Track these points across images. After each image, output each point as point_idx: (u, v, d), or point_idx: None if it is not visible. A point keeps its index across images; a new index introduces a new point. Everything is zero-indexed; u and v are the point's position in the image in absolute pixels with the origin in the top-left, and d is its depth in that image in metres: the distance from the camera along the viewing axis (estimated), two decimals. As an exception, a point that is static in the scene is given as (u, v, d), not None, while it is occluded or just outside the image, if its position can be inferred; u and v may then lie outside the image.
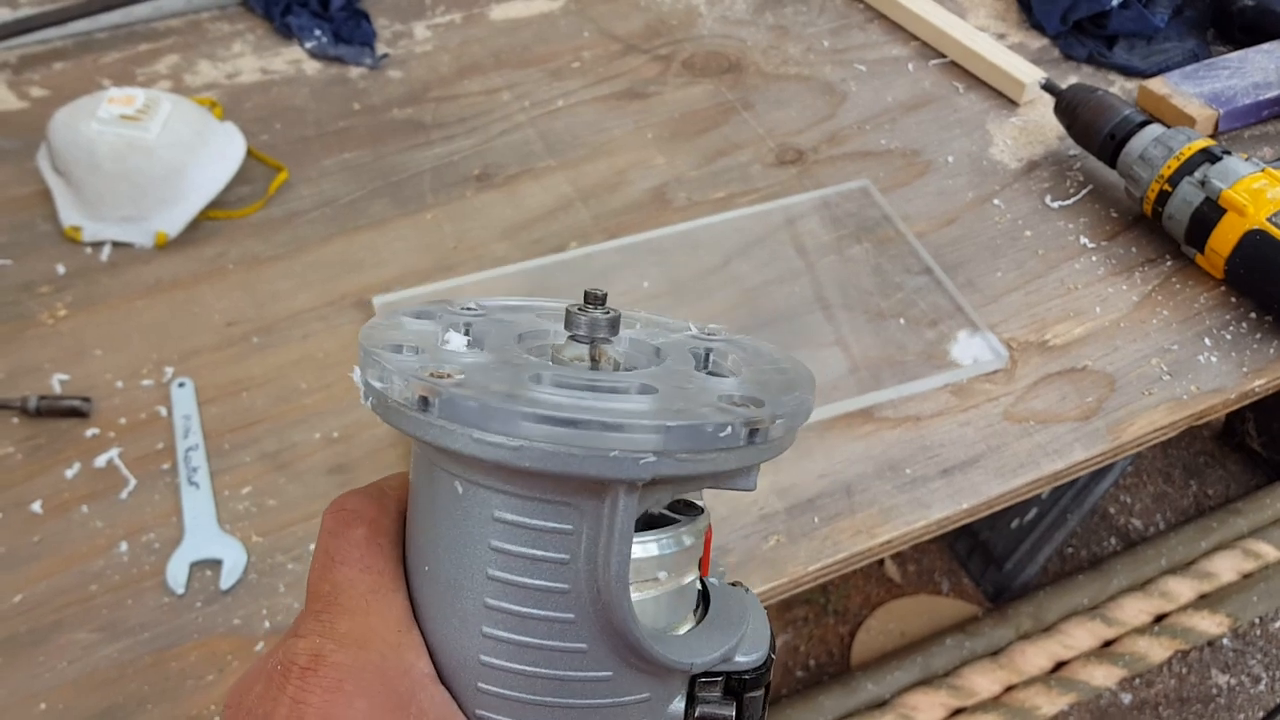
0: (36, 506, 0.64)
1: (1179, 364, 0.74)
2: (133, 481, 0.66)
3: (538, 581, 0.26)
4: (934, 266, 0.80)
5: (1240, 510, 1.62)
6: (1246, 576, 1.55)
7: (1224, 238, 0.76)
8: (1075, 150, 0.91)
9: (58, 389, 0.71)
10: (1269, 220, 0.74)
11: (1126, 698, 1.50)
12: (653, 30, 1.05)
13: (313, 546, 0.62)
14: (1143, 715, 1.48)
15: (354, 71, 0.99)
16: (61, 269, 0.79)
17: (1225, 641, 1.57)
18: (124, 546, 0.62)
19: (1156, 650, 1.49)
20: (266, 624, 0.59)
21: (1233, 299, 0.78)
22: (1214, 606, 1.51)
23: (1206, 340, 0.76)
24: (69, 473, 0.66)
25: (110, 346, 0.74)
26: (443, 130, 0.93)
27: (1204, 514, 1.64)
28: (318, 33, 1.00)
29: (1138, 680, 1.51)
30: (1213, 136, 0.93)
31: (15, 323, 0.75)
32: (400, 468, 0.67)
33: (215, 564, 0.61)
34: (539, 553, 0.26)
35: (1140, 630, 1.48)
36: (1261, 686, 1.53)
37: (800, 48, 1.03)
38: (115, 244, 0.81)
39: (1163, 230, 0.82)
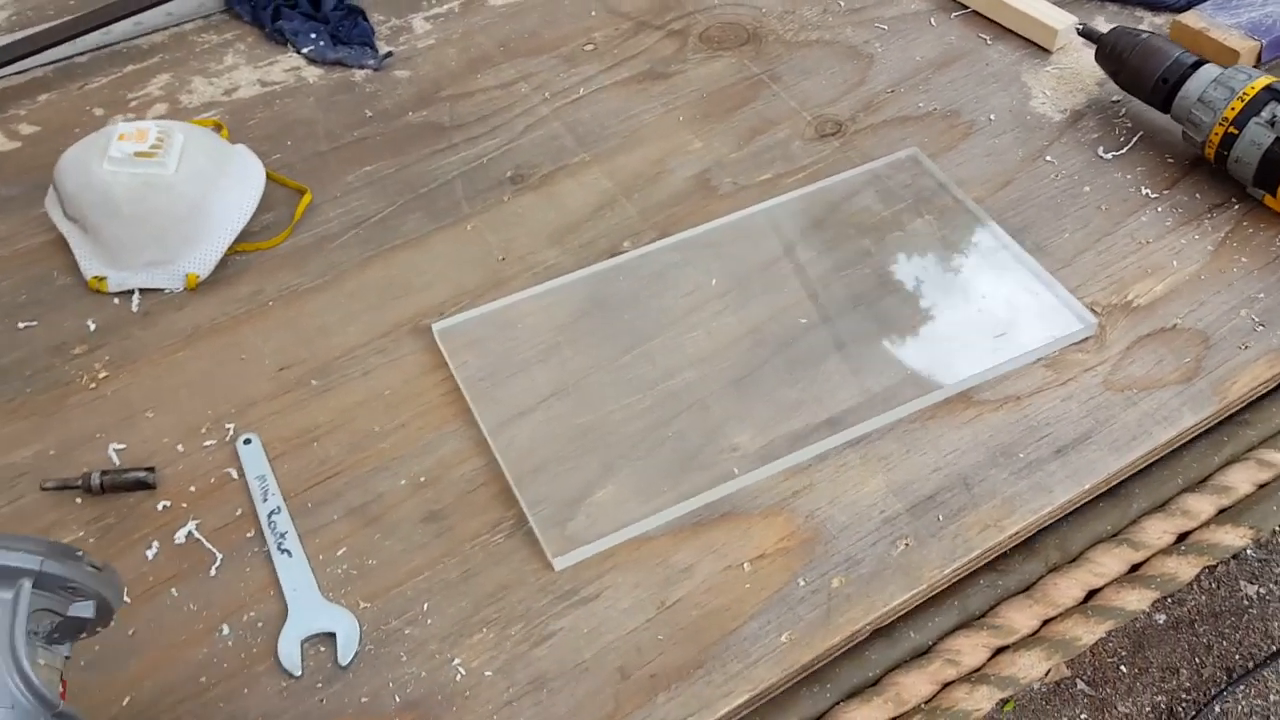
0: (123, 595, 0.60)
1: (1269, 312, 0.73)
2: (219, 556, 0.61)
3: None
4: (1001, 233, 0.77)
5: (1248, 421, 1.64)
6: (1262, 487, 1.57)
7: (1301, 178, 0.74)
8: (1118, 95, 0.88)
9: (116, 460, 0.66)
10: (1348, 156, 0.72)
11: (1161, 618, 1.52)
12: (662, 4, 1.00)
13: (427, 605, 0.59)
14: (1179, 634, 1.50)
15: (358, 75, 0.93)
16: (92, 325, 0.74)
17: (1249, 553, 1.59)
18: (225, 629, 0.58)
19: (1185, 568, 1.51)
20: (396, 698, 0.55)
21: (1308, 239, 0.77)
22: (1235, 520, 1.53)
23: (1291, 285, 0.74)
24: (149, 553, 0.62)
25: (161, 406, 0.69)
26: (464, 131, 0.88)
27: (1212, 428, 1.66)
28: (314, 36, 0.94)
29: (1170, 600, 1.52)
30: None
31: (55, 390, 0.70)
32: (495, 507, 0.63)
33: (328, 638, 0.57)
34: None
35: (1166, 551, 1.50)
36: (1292, 594, 1.56)
37: (817, 10, 0.99)
38: (144, 291, 0.76)
39: (1224, 173, 0.80)
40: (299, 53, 0.94)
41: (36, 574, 0.42)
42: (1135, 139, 0.85)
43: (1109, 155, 0.84)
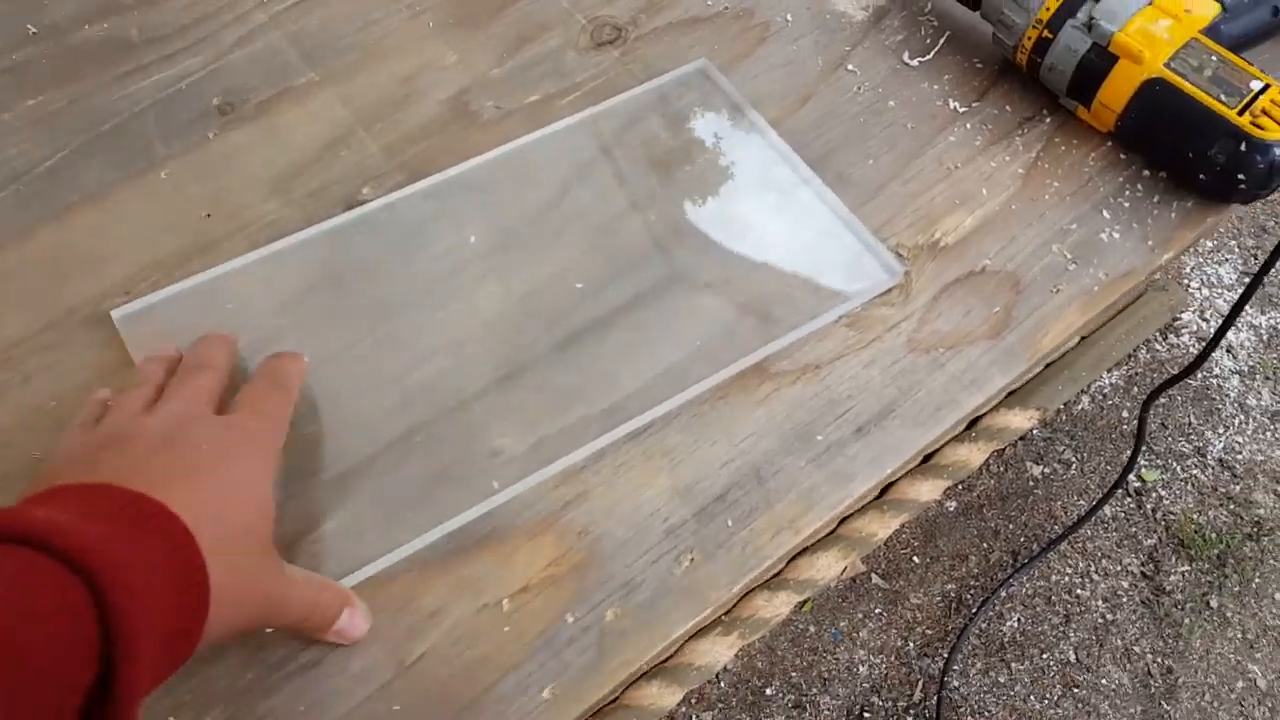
0: None
1: (1081, 247, 0.66)
2: None
3: None
4: (801, 166, 0.68)
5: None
6: (1048, 366, 1.59)
7: (1117, 89, 0.67)
8: (925, -11, 0.79)
9: None
10: (1167, 66, 0.65)
11: (951, 505, 1.53)
12: (406, -125, 0.83)
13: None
14: (968, 520, 1.52)
15: (15, -26, 0.74)
16: None
17: (1035, 433, 1.61)
18: None
19: (975, 454, 1.53)
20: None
21: (1121, 156, 0.71)
22: (1023, 402, 1.55)
23: (1105, 212, 0.68)
24: None
25: None
26: (157, 48, 0.71)
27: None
28: (-51, -79, 0.73)
29: (960, 486, 1.53)
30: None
31: None
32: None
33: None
34: None
35: (959, 439, 1.51)
36: (1073, 471, 1.59)
37: (592, -117, 0.84)
38: None
39: (1036, 81, 0.73)
40: (-67, -57, 0.74)
41: None
42: (942, 41, 0.76)
43: (914, 62, 0.75)
